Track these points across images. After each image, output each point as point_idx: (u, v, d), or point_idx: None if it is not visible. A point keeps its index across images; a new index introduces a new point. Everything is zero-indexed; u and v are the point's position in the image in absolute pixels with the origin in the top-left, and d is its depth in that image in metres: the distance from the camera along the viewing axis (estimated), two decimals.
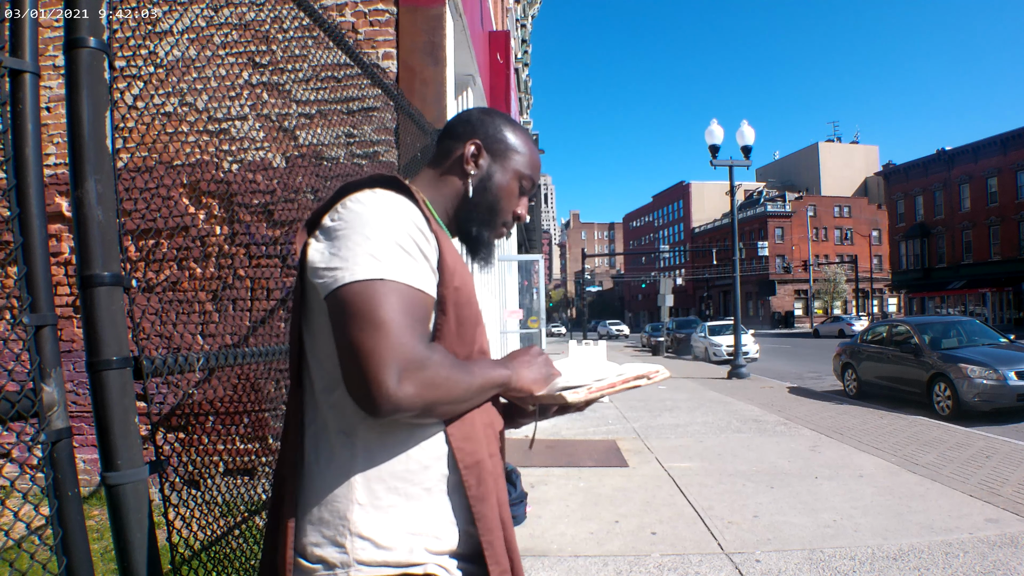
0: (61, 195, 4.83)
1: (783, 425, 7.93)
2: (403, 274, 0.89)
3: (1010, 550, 3.59)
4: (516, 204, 1.17)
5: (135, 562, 1.20)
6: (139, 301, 3.07)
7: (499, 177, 1.13)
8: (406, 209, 0.94)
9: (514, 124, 1.17)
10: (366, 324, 0.86)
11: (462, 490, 0.97)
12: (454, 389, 0.92)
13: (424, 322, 0.92)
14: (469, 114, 1.17)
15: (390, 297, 0.87)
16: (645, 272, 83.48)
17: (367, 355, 0.85)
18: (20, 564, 1.19)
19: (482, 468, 0.99)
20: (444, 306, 0.97)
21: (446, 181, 1.13)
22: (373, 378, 0.84)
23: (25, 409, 1.09)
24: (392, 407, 0.85)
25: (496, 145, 1.14)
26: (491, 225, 1.15)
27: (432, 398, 0.88)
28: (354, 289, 0.87)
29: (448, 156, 1.14)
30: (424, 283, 0.92)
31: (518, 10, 18.59)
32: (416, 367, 0.86)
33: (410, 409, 0.87)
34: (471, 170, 1.12)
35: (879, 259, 59.73)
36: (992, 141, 36.89)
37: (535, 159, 1.18)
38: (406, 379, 0.85)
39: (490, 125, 1.14)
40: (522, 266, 12.29)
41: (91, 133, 1.18)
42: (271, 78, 4.13)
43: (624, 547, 3.83)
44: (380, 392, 0.84)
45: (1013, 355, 8.70)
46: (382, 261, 0.88)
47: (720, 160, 14.45)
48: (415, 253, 0.92)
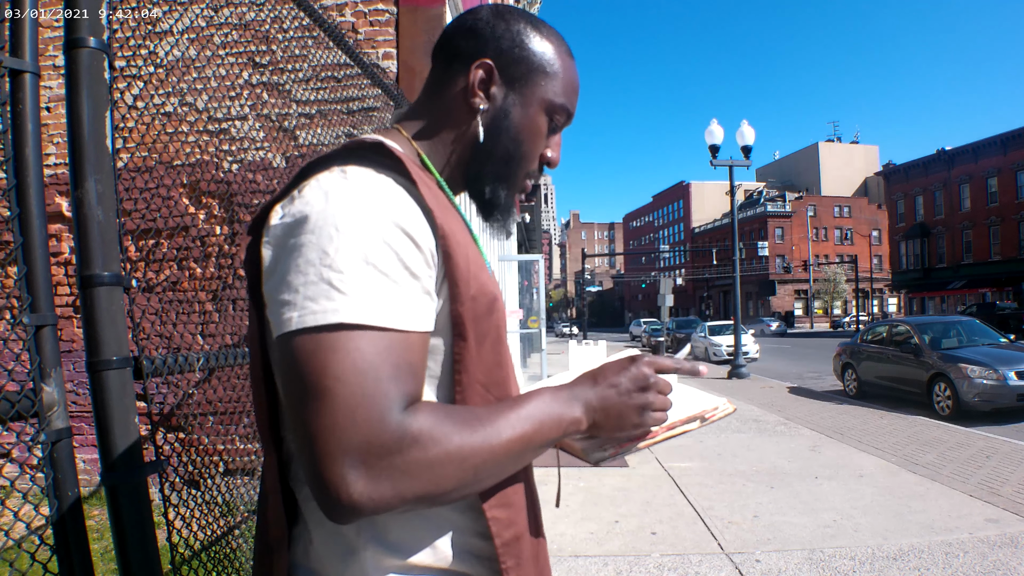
0: (61, 195, 4.83)
1: (783, 425, 7.93)
2: (374, 311, 0.61)
3: (1010, 550, 3.59)
4: (544, 145, 0.85)
5: (135, 562, 1.20)
6: (139, 301, 3.08)
7: (519, 112, 0.81)
8: (388, 198, 0.65)
9: (541, 28, 0.83)
10: (310, 395, 0.59)
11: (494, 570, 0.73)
12: (464, 463, 0.62)
13: (410, 372, 0.63)
14: (476, 18, 0.82)
15: (348, 355, 0.59)
16: (645, 272, 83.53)
17: (312, 440, 0.59)
18: (20, 564, 1.19)
19: (521, 545, 0.74)
20: (462, 328, 0.69)
21: (446, 119, 0.81)
22: (321, 474, 0.58)
23: (25, 409, 1.09)
24: (349, 514, 0.59)
25: (515, 66, 0.80)
26: (510, 179, 0.83)
27: (422, 489, 0.60)
28: (300, 343, 0.60)
29: (448, 83, 0.81)
30: (410, 316, 0.64)
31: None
32: (384, 451, 0.59)
33: (382, 510, 0.60)
34: (480, 104, 0.79)
35: (879, 259, 59.76)
36: (992, 141, 36.88)
37: (572, 78, 0.84)
38: (368, 473, 0.58)
39: (505, 35, 0.80)
40: (522, 266, 12.29)
41: (91, 133, 1.18)
42: (271, 78, 4.13)
43: (624, 547, 3.83)
44: (328, 495, 0.58)
45: (1013, 355, 8.71)
46: (345, 294, 0.60)
47: (720, 160, 14.46)
48: (396, 272, 0.63)
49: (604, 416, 0.73)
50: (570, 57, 0.85)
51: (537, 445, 0.69)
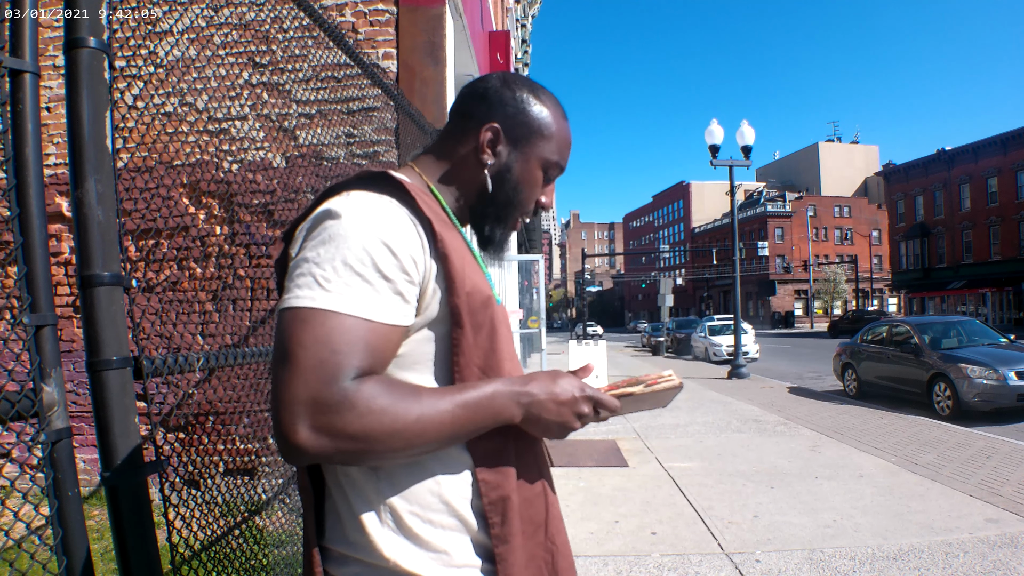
0: (61, 195, 4.83)
1: (783, 425, 7.93)
2: (342, 301, 0.76)
3: (1010, 550, 3.59)
4: (539, 193, 1.01)
5: (135, 562, 1.20)
6: (139, 301, 3.08)
7: (519, 167, 0.97)
8: (379, 218, 0.81)
9: (540, 94, 0.99)
10: (281, 356, 0.75)
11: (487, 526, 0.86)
12: (394, 432, 0.76)
13: (366, 350, 0.77)
14: (486, 87, 0.98)
15: (314, 328, 0.75)
16: (645, 272, 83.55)
17: (274, 392, 0.75)
18: (20, 564, 1.19)
19: (507, 505, 0.86)
20: (459, 318, 0.84)
21: (459, 168, 0.98)
22: (276, 419, 0.74)
23: (25, 409, 1.09)
24: (295, 455, 0.74)
25: (518, 129, 0.96)
26: (507, 221, 1.00)
27: (356, 446, 0.74)
28: (284, 317, 0.78)
29: (462, 139, 0.98)
30: (375, 308, 0.78)
31: (518, 10, 18.58)
32: (324, 409, 0.73)
33: (323, 458, 0.75)
34: (488, 159, 0.95)
35: (879, 259, 59.77)
36: (992, 141, 36.88)
37: (565, 137, 1.00)
38: (312, 424, 0.73)
39: (511, 102, 0.96)
40: (522, 266, 12.29)
41: (91, 133, 1.18)
42: (271, 78, 4.13)
43: (624, 547, 3.83)
44: (281, 437, 0.74)
45: (1013, 355, 8.71)
46: (323, 287, 0.77)
47: (720, 160, 14.46)
48: (368, 273, 0.78)
49: (534, 423, 0.87)
50: (564, 119, 1.01)
51: (470, 429, 0.82)
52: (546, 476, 0.96)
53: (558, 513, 0.97)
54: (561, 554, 0.94)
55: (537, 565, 0.90)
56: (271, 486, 2.81)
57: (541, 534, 0.92)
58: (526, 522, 0.89)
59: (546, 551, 0.92)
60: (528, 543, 0.89)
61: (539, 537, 0.92)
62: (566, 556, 0.95)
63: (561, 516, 0.98)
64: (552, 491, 0.97)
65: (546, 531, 0.93)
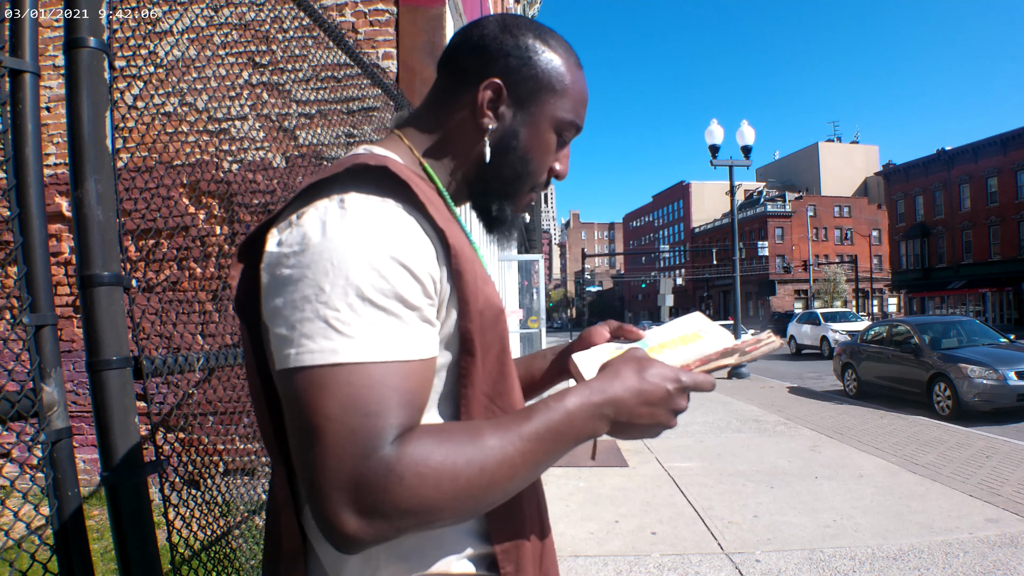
0: (61, 195, 4.83)
1: (783, 425, 7.93)
2: (367, 348, 0.61)
3: (1010, 550, 3.59)
4: (553, 159, 0.84)
5: (135, 562, 1.20)
6: (139, 301, 3.07)
7: (527, 132, 0.79)
8: (385, 230, 0.64)
9: (548, 39, 0.80)
10: (305, 431, 0.61)
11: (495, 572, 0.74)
12: (456, 492, 0.61)
13: (403, 401, 0.63)
14: (482, 34, 0.79)
15: (339, 389, 0.60)
16: (645, 272, 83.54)
17: (310, 477, 0.60)
18: (20, 564, 1.19)
19: (521, 552, 0.75)
20: (470, 344, 0.70)
21: (453, 136, 0.80)
22: (320, 510, 0.60)
23: (25, 409, 1.09)
24: (351, 546, 0.60)
25: (524, 84, 0.78)
26: (516, 197, 0.84)
27: (416, 520, 0.61)
28: (296, 381, 0.62)
29: (454, 99, 0.80)
30: (406, 346, 0.64)
31: (518, 10, 18.60)
32: (369, 489, 0.59)
33: (383, 540, 0.61)
34: (488, 124, 0.78)
35: (879, 259, 59.74)
36: (992, 141, 36.88)
37: (581, 91, 0.82)
38: (359, 509, 0.59)
39: (514, 52, 0.77)
40: (522, 266, 12.28)
41: (91, 133, 1.18)
42: (271, 78, 4.13)
43: (624, 547, 3.84)
44: (328, 529, 0.60)
45: (1013, 355, 8.71)
46: (340, 332, 0.61)
47: (720, 160, 14.46)
48: (391, 305, 0.63)
49: (624, 431, 0.74)
50: (579, 68, 0.83)
51: (548, 462, 0.68)
52: (543, 500, 0.85)
53: (552, 540, 0.85)
54: None
55: None
56: None
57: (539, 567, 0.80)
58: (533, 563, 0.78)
59: None
60: None
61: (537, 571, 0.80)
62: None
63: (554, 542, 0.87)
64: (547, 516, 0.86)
65: (541, 565, 0.80)
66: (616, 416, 0.71)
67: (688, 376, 0.75)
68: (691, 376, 0.76)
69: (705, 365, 0.81)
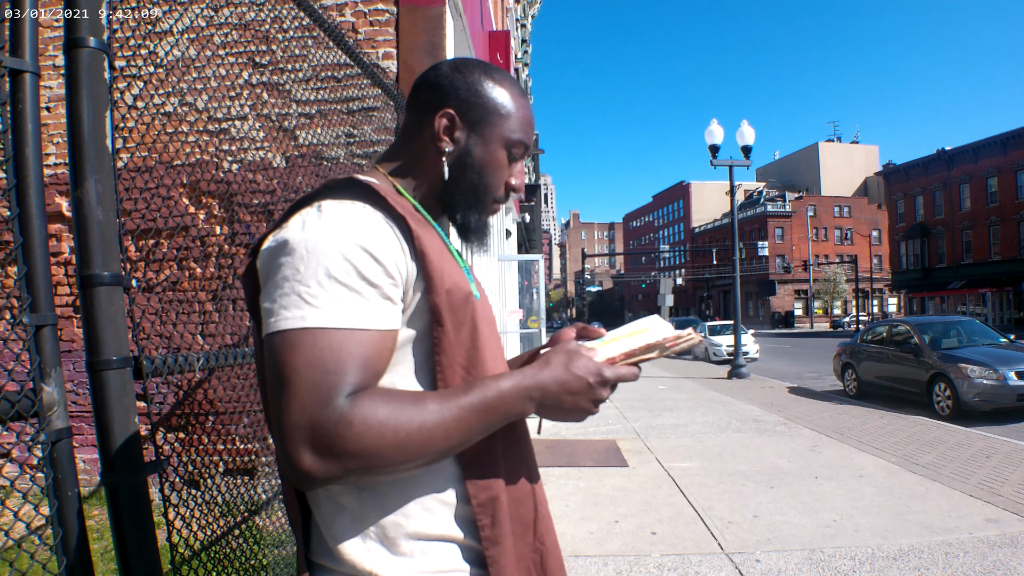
0: (61, 195, 4.83)
1: (783, 425, 7.93)
2: (331, 315, 0.75)
3: (1010, 550, 3.59)
4: (507, 174, 0.97)
5: (135, 562, 1.20)
6: (139, 301, 3.08)
7: (480, 150, 0.94)
8: (355, 225, 0.79)
9: (494, 75, 0.96)
10: (277, 384, 0.74)
11: (475, 530, 0.85)
12: (397, 445, 0.74)
13: (360, 363, 0.75)
14: (438, 74, 0.95)
15: (305, 350, 0.74)
16: (645, 272, 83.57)
17: (277, 420, 0.74)
18: (20, 564, 1.19)
19: (497, 506, 0.85)
20: (439, 316, 0.83)
21: (421, 160, 0.95)
22: (281, 448, 0.73)
23: (25, 409, 1.09)
24: (305, 481, 0.73)
25: (473, 111, 0.93)
26: (478, 207, 0.97)
27: (362, 464, 0.73)
28: (275, 341, 0.75)
29: (418, 130, 0.95)
30: (364, 316, 0.77)
31: (518, 10, 18.59)
32: (323, 432, 0.71)
33: (333, 480, 0.73)
34: (445, 147, 0.93)
35: (879, 259, 59.75)
36: (992, 141, 36.87)
37: (525, 116, 0.97)
38: (314, 448, 0.71)
39: (463, 86, 0.93)
40: (522, 266, 12.28)
41: (91, 133, 1.18)
42: (271, 78, 4.13)
43: (624, 547, 3.83)
44: (288, 465, 0.73)
45: (1013, 355, 8.71)
46: (310, 303, 0.75)
47: (720, 160, 14.45)
48: (353, 282, 0.76)
49: (549, 413, 0.86)
50: (523, 96, 0.97)
51: (480, 432, 0.80)
52: (534, 474, 0.95)
53: (547, 512, 0.95)
54: (551, 554, 0.92)
55: (526, 566, 0.89)
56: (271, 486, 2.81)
57: (530, 535, 0.91)
58: (516, 522, 0.88)
59: (535, 551, 0.91)
60: (517, 544, 0.88)
61: (528, 538, 0.90)
62: (556, 557, 0.93)
63: (550, 515, 0.96)
64: (540, 490, 0.96)
65: (535, 531, 0.91)
66: (543, 400, 0.84)
67: (611, 370, 0.86)
68: (613, 370, 0.87)
69: (629, 359, 0.90)
